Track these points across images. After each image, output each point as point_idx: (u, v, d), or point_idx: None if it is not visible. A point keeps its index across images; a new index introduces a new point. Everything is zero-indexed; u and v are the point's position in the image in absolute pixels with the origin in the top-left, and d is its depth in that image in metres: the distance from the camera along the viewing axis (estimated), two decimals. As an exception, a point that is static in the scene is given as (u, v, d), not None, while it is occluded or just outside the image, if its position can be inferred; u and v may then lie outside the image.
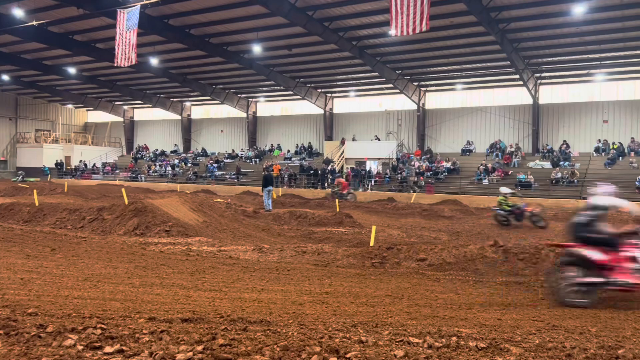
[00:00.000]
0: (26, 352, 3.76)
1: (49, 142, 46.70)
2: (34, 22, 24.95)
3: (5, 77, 39.32)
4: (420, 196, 27.29)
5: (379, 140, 35.49)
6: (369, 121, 37.48)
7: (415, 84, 34.15)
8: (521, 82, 29.97)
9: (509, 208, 17.13)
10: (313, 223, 16.03)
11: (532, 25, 23.79)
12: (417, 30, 16.97)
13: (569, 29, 23.81)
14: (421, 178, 30.34)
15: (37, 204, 15.38)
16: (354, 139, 36.23)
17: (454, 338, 4.51)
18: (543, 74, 30.47)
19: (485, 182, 28.89)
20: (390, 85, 33.37)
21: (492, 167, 29.72)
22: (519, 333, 4.86)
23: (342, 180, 28.13)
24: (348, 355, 3.85)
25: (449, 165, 31.29)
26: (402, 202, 24.68)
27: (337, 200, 22.39)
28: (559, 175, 27.36)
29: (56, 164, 44.07)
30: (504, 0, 21.71)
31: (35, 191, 17.96)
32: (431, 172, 31.08)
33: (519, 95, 32.50)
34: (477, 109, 33.86)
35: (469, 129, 34.12)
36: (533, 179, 27.56)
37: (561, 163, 28.84)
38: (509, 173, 29.24)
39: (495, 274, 8.29)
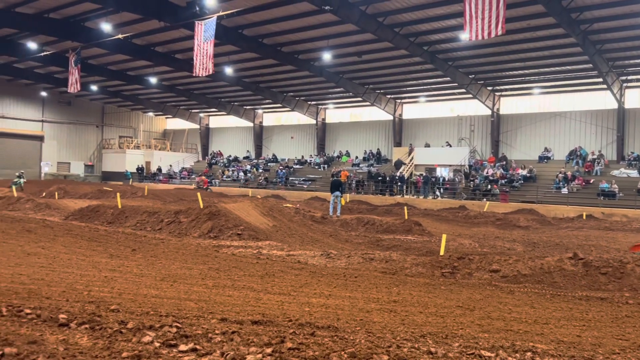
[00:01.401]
0: (109, 346, 3.99)
1: (131, 148, 49.45)
2: (120, 35, 26.63)
3: (94, 88, 42.17)
4: (494, 205, 26.37)
5: (450, 146, 34.70)
6: (440, 127, 36.75)
7: (490, 88, 33.12)
8: (605, 86, 28.31)
9: None
10: (381, 230, 15.91)
11: (617, 25, 22.43)
12: (493, 35, 16.49)
13: (659, 28, 22.26)
14: (494, 186, 29.33)
15: (119, 206, 16.31)
16: (426, 145, 35.62)
17: (528, 353, 4.32)
18: (629, 77, 28.60)
19: (565, 190, 27.45)
20: (463, 90, 32.59)
21: (572, 175, 28.22)
22: (601, 352, 4.57)
23: (204, 178, 37.63)
24: (416, 366, 3.79)
25: (525, 172, 30.03)
26: (474, 211, 23.96)
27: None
28: (647, 184, 25.53)
29: (137, 169, 46.61)
30: (586, 1, 20.64)
31: (118, 194, 19.08)
32: (506, 180, 29.96)
33: (602, 100, 30.69)
34: (555, 114, 32.31)
35: (547, 135, 32.61)
36: (617, 189, 25.87)
37: (650, 171, 26.91)
38: (591, 182, 27.63)
39: (575, 288, 7.84)
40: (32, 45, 30.94)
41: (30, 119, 46.42)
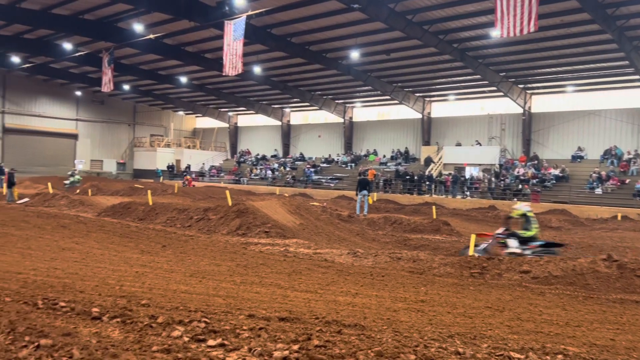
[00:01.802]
0: (139, 339, 4.08)
1: (162, 147, 50.25)
2: (151, 36, 27.11)
3: (126, 87, 43.03)
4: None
5: (480, 145, 34.20)
6: (469, 125, 36.23)
7: (521, 86, 32.51)
8: (642, 83, 27.47)
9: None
10: (408, 229, 15.80)
11: (655, 20, 21.73)
12: (525, 31, 16.15)
13: (700, 22, 21.46)
14: (525, 186, 28.78)
15: (150, 203, 16.62)
16: (457, 144, 35.17)
17: (559, 356, 4.24)
18: (668, 74, 27.66)
19: (599, 191, 26.75)
20: (494, 88, 32.06)
21: (606, 175, 27.48)
22: (636, 356, 4.45)
23: (188, 177, 39.28)
24: (444, 366, 3.75)
25: (557, 172, 29.38)
26: (504, 211, 23.55)
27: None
28: (687, 185, 24.66)
29: (168, 167, 47.37)
30: (623, -5, 20.06)
31: (149, 192, 19.43)
32: (537, 180, 29.37)
33: (639, 97, 29.76)
34: (589, 113, 31.49)
35: (580, 134, 31.82)
36: (655, 189, 25.09)
37: (689, 172, 25.98)
38: (626, 182, 26.86)
39: (609, 291, 7.64)
40: (67, 45, 31.74)
41: (65, 117, 47.64)
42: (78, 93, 47.42)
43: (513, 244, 10.23)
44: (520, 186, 28.94)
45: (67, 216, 15.20)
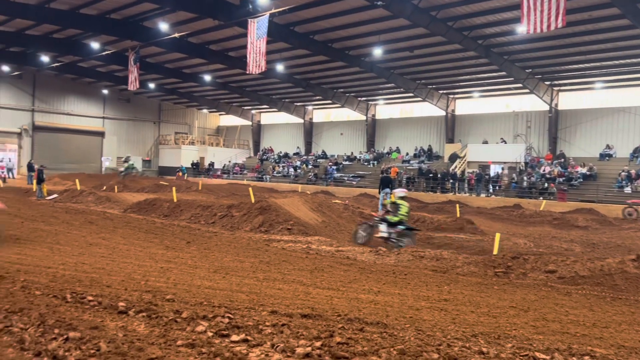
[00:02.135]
0: (164, 334, 4.15)
1: (186, 144, 50.83)
2: (176, 34, 27.41)
3: (152, 85, 43.62)
4: (551, 204, 25.42)
5: (505, 143, 33.72)
6: (494, 123, 35.73)
7: (547, 83, 31.92)
8: (674, 79, 26.69)
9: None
10: (431, 228, 15.67)
11: (689, 14, 21.07)
12: (552, 27, 15.83)
13: None
14: (552, 184, 28.28)
15: (175, 200, 16.84)
16: (484, 142, 34.73)
17: (586, 357, 4.16)
18: (702, 69, 26.84)
19: (628, 190, 26.12)
20: (519, 85, 31.55)
21: (636, 173, 26.81)
22: (666, 359, 4.34)
23: (180, 173, 41.77)
24: (467, 365, 3.73)
25: (584, 170, 28.79)
26: (530, 210, 23.19)
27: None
28: None
29: (192, 164, 47.93)
30: (655, -12, 19.52)
31: (174, 189, 19.69)
32: (564, 178, 28.83)
33: (670, 94, 28.95)
34: (618, 110, 30.75)
35: (609, 132, 31.09)
36: (687, 188, 24.39)
37: None
38: (657, 180, 26.16)
39: (638, 292, 7.47)
40: (94, 45, 32.31)
41: (92, 115, 48.55)
42: (105, 91, 48.25)
43: (382, 228, 11.50)
44: (546, 184, 28.46)
45: (95, 212, 15.52)
